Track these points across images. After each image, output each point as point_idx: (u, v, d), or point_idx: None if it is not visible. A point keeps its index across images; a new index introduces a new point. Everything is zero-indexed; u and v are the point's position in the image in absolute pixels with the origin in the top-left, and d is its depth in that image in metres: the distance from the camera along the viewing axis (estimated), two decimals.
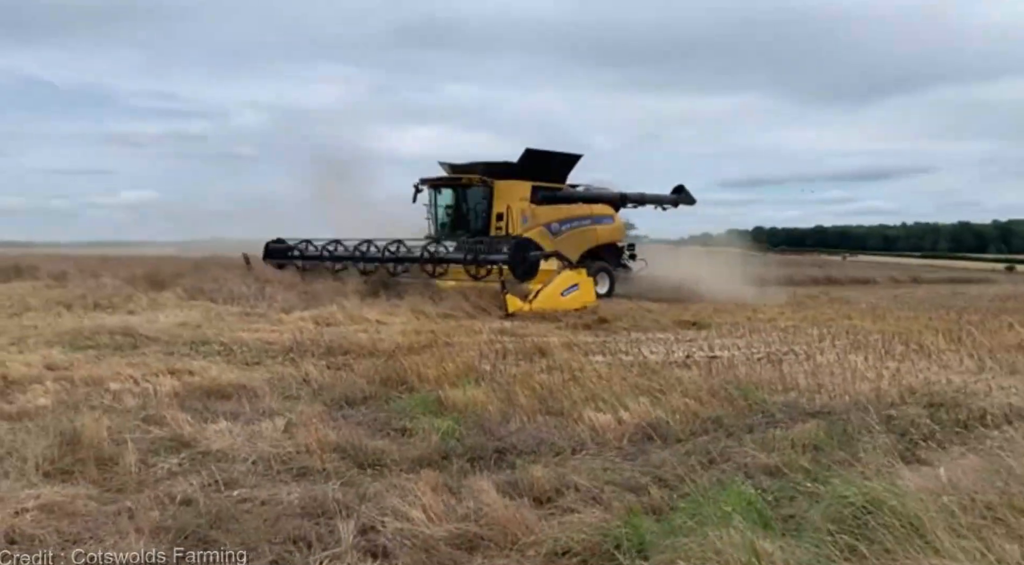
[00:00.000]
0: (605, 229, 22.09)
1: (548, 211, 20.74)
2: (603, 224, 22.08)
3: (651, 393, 6.56)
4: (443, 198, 20.74)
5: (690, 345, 10.36)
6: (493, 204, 19.90)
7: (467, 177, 20.06)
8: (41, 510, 3.88)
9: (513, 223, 19.69)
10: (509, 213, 19.72)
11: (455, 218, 20.57)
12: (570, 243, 20.45)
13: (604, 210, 22.23)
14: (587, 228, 21.56)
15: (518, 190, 20.11)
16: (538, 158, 20.51)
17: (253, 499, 4.19)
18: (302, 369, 8.04)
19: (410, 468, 4.77)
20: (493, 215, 19.84)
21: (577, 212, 21.47)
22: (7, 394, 6.58)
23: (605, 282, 20.70)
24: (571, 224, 21.19)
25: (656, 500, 4.14)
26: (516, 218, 19.76)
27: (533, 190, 20.44)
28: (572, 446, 5.21)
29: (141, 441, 5.14)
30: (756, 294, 20.66)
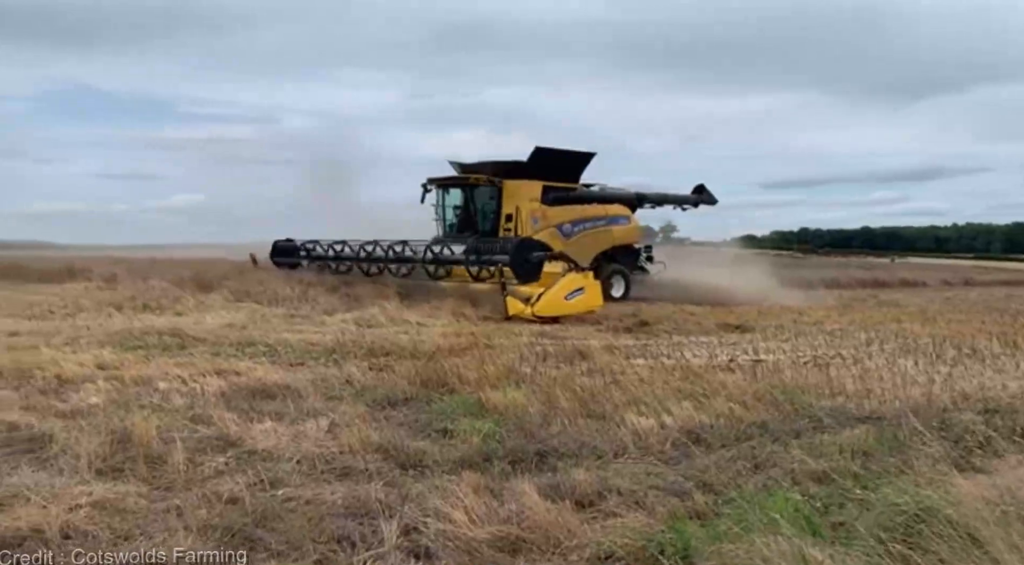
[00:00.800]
0: (621, 230, 21.35)
1: (560, 212, 20.05)
2: (619, 225, 21.32)
3: (694, 397, 6.48)
4: (451, 198, 20.20)
5: (734, 348, 10.21)
6: (502, 205, 19.33)
7: (474, 177, 19.46)
8: (94, 506, 3.97)
9: (522, 224, 19.08)
10: (518, 214, 19.14)
11: (463, 219, 19.98)
12: (583, 245, 19.77)
13: (620, 211, 21.51)
14: (601, 229, 20.81)
15: (528, 190, 19.50)
16: (549, 157, 19.81)
17: (298, 498, 4.24)
18: (344, 370, 8.12)
19: (451, 469, 4.77)
20: (502, 216, 19.32)
21: (591, 213, 20.73)
22: (61, 393, 6.76)
23: (620, 285, 20.29)
24: (584, 225, 20.43)
25: (700, 505, 4.08)
26: (526, 219, 19.17)
27: (544, 190, 19.78)
28: (614, 450, 5.17)
29: (189, 440, 5.23)
30: (791, 296, 20.11)
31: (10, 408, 6.07)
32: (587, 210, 20.65)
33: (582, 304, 15.17)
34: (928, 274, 38.94)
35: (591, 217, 20.61)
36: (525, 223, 19.07)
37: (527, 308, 14.43)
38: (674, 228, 43.63)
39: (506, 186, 19.24)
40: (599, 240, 20.54)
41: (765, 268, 24.67)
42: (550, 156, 19.75)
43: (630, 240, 21.74)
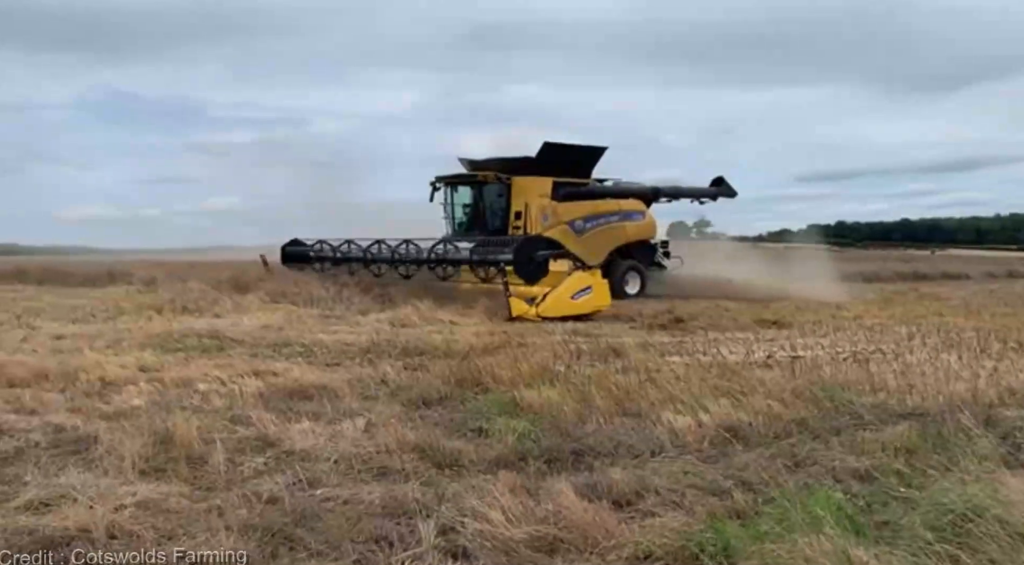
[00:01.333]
0: (635, 226, 20.80)
1: (571, 208, 19.61)
2: (633, 220, 20.76)
3: (731, 395, 6.40)
4: (460, 196, 19.90)
5: (771, 345, 10.07)
6: (511, 202, 18.96)
7: (482, 174, 19.11)
8: (138, 507, 4.04)
9: (532, 221, 18.73)
10: (527, 211, 18.77)
11: (472, 217, 19.70)
12: (596, 241, 19.42)
13: (634, 205, 20.96)
14: (615, 225, 20.27)
15: (537, 186, 19.10)
16: (558, 152, 19.35)
17: (336, 498, 4.27)
18: (380, 370, 8.18)
19: (487, 469, 4.78)
20: (511, 213, 18.94)
21: (603, 208, 20.23)
22: (104, 395, 6.90)
23: (636, 282, 19.96)
24: (597, 221, 19.89)
25: (740, 504, 4.02)
26: (535, 216, 18.84)
27: (554, 186, 19.39)
28: (651, 448, 5.12)
29: (228, 441, 5.30)
30: (820, 291, 19.44)
31: (57, 410, 6.23)
32: (599, 205, 20.16)
33: (589, 304, 14.76)
34: (970, 266, 38.09)
35: (604, 213, 20.12)
36: (535, 220, 18.75)
37: (532, 309, 14.03)
38: (708, 223, 43.07)
39: (515, 183, 18.90)
40: (613, 236, 20.09)
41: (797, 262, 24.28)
42: (559, 151, 19.32)
43: (645, 235, 21.17)
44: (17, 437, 5.41)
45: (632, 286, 19.76)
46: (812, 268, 23.27)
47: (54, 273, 25.22)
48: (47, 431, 5.61)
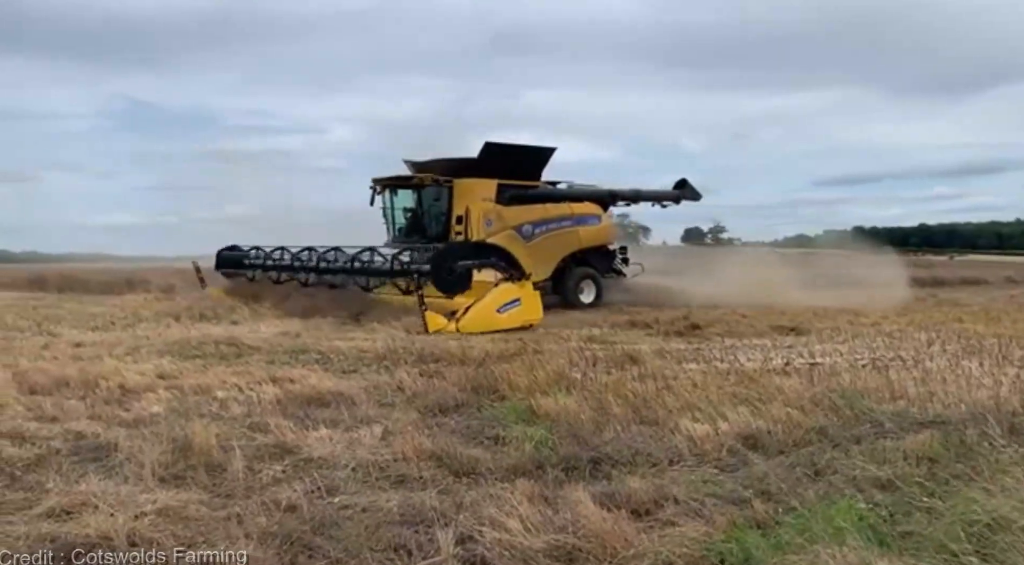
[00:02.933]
0: (590, 231, 19.68)
1: (518, 212, 18.39)
2: (588, 225, 19.62)
3: (750, 402, 6.36)
4: (400, 200, 18.67)
5: (789, 351, 10.00)
6: (453, 206, 17.75)
7: (419, 176, 17.94)
8: (158, 514, 4.07)
9: (474, 226, 17.55)
10: (468, 215, 17.56)
11: (412, 222, 18.44)
12: (546, 248, 18.56)
13: (589, 209, 19.83)
14: (567, 230, 19.15)
15: (480, 189, 17.86)
16: (501, 153, 18.18)
17: (354, 506, 4.28)
18: (396, 377, 8.19)
19: (505, 477, 4.77)
20: (452, 218, 17.74)
21: (554, 212, 19.06)
22: (124, 402, 6.95)
23: (591, 290, 19.14)
24: (547, 226, 18.78)
25: (760, 514, 3.99)
26: (477, 220, 17.62)
27: (499, 189, 18.11)
28: (669, 457, 5.10)
29: (247, 448, 5.32)
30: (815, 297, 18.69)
31: (78, 417, 6.28)
32: (550, 210, 19.09)
33: (518, 317, 13.73)
34: (990, 272, 37.65)
35: (555, 217, 19.06)
36: (476, 225, 17.62)
37: (451, 323, 13.11)
38: (723, 229, 42.90)
39: (456, 185, 17.76)
40: (565, 242, 19.10)
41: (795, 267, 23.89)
42: (503, 151, 18.30)
43: (602, 241, 20.20)
44: (39, 444, 5.46)
45: (587, 294, 19.00)
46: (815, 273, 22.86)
47: (74, 281, 25.48)
48: (68, 438, 5.66)
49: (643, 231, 70.91)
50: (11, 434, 5.67)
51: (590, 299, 18.94)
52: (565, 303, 18.26)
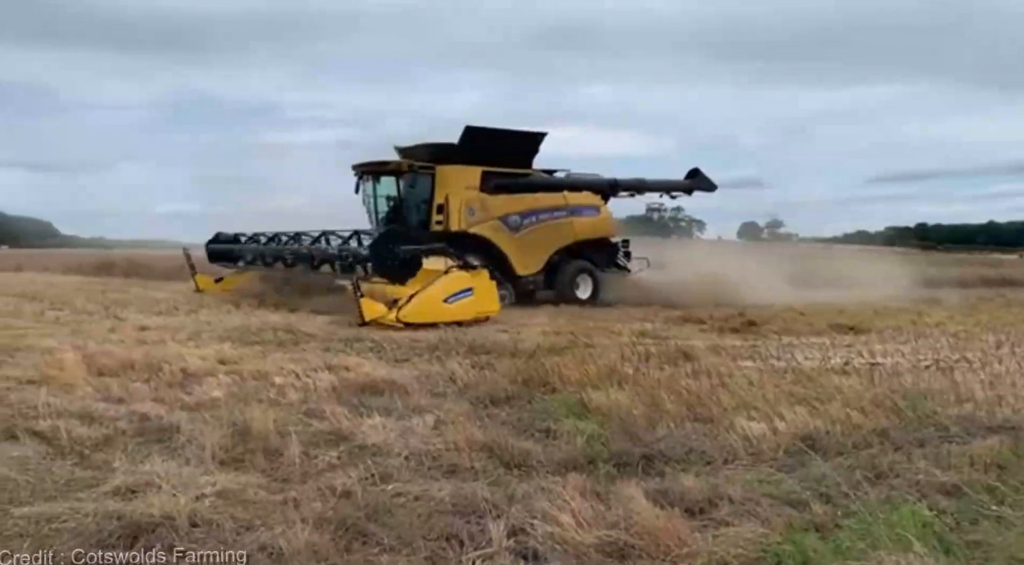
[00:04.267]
0: (587, 222, 18.56)
1: (505, 201, 17.40)
2: (583, 216, 18.50)
3: (807, 402, 6.21)
4: (382, 188, 17.65)
5: (848, 351, 9.73)
6: (435, 194, 16.87)
7: (396, 162, 17.07)
8: (218, 496, 4.17)
9: (453, 215, 16.68)
10: (448, 203, 16.69)
11: (392, 211, 17.44)
12: (536, 239, 17.63)
13: (586, 199, 18.76)
14: (560, 221, 18.09)
15: (463, 177, 16.93)
16: (485, 138, 17.13)
17: (407, 494, 4.32)
18: (447, 367, 8.25)
19: (556, 470, 4.75)
20: (434, 206, 16.84)
21: (545, 202, 18.00)
22: (186, 386, 7.15)
23: (587, 285, 18.14)
24: (537, 217, 17.74)
25: (819, 516, 3.90)
26: (458, 209, 16.72)
27: (484, 176, 17.16)
28: (723, 455, 5.02)
29: (303, 434, 5.42)
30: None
31: (142, 400, 6.48)
32: (541, 199, 18.03)
33: (469, 309, 12.81)
34: None
35: (546, 207, 18.01)
36: (457, 214, 16.75)
37: (391, 313, 12.23)
38: (780, 223, 41.90)
39: (439, 172, 16.88)
40: (557, 234, 18.06)
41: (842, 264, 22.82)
42: (486, 137, 17.27)
43: (601, 233, 18.99)
44: (106, 424, 5.65)
45: (584, 290, 18.02)
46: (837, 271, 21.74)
47: (139, 266, 26.36)
48: (133, 419, 5.85)
49: (697, 225, 69.66)
50: (81, 414, 5.89)
51: (586, 295, 18.00)
52: (559, 299, 17.46)
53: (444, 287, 12.82)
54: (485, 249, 16.80)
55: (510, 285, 16.87)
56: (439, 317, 12.28)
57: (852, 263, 24.67)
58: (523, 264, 17.39)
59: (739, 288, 17.34)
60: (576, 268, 18.20)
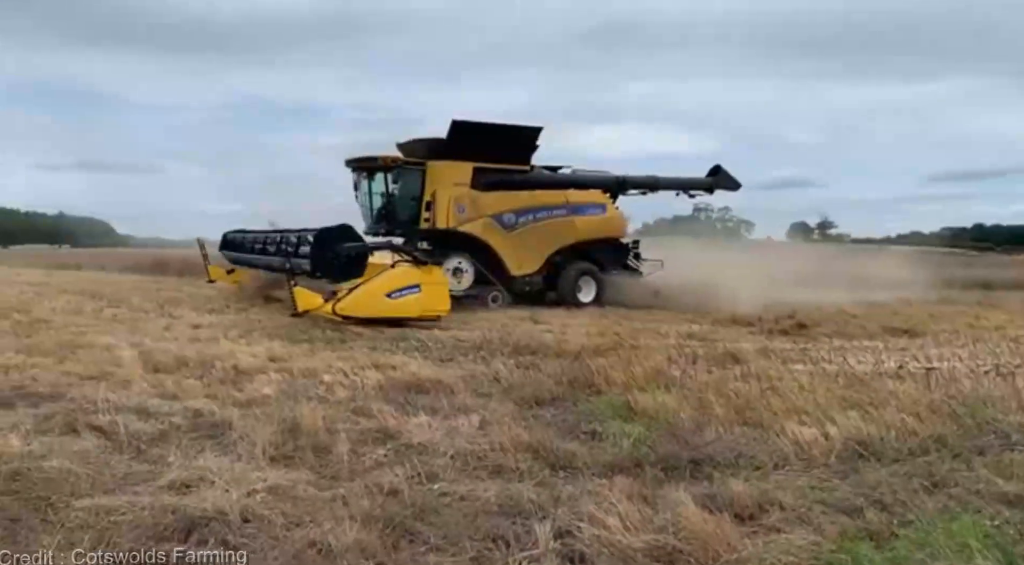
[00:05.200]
0: (591, 221, 17.65)
1: (498, 199, 16.71)
2: (587, 215, 17.60)
3: (861, 406, 6.07)
4: (375, 184, 16.91)
5: (902, 354, 9.48)
6: (425, 191, 16.26)
7: (383, 157, 16.28)
8: (269, 492, 4.25)
9: (441, 213, 16.09)
10: (436, 200, 16.08)
11: (383, 208, 16.72)
12: (533, 239, 16.90)
13: (589, 197, 17.88)
14: (559, 220, 17.26)
15: (452, 173, 16.29)
16: (474, 132, 16.34)
17: (453, 494, 4.34)
18: (492, 367, 8.27)
19: (602, 473, 4.73)
20: (424, 204, 16.25)
21: (543, 200, 17.22)
22: (238, 383, 7.30)
23: (590, 288, 17.29)
24: (534, 215, 16.98)
25: (874, 525, 3.80)
26: (446, 206, 16.10)
27: (476, 172, 16.49)
28: (774, 461, 4.93)
29: (351, 431, 5.50)
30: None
31: (196, 396, 6.64)
32: (538, 197, 17.25)
33: (414, 306, 12.12)
34: None
35: (544, 205, 17.19)
36: (445, 211, 16.14)
37: (327, 305, 11.75)
38: (831, 224, 40.99)
39: (429, 169, 16.24)
40: (557, 233, 17.28)
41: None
42: (476, 131, 16.42)
43: (608, 233, 18.11)
44: (161, 420, 5.80)
45: (586, 293, 17.25)
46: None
47: (192, 265, 26.91)
48: (187, 415, 5.99)
49: (746, 226, 68.62)
50: (137, 409, 6.05)
51: (589, 298, 17.20)
52: (560, 301, 16.90)
53: (388, 281, 12.26)
54: (476, 248, 16.38)
55: (503, 286, 16.51)
56: (380, 312, 11.78)
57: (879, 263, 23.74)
58: (518, 264, 16.80)
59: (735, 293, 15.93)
60: (577, 270, 17.40)
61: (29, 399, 6.42)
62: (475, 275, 16.29)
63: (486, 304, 15.99)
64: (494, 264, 16.55)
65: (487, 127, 16.67)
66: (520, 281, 16.96)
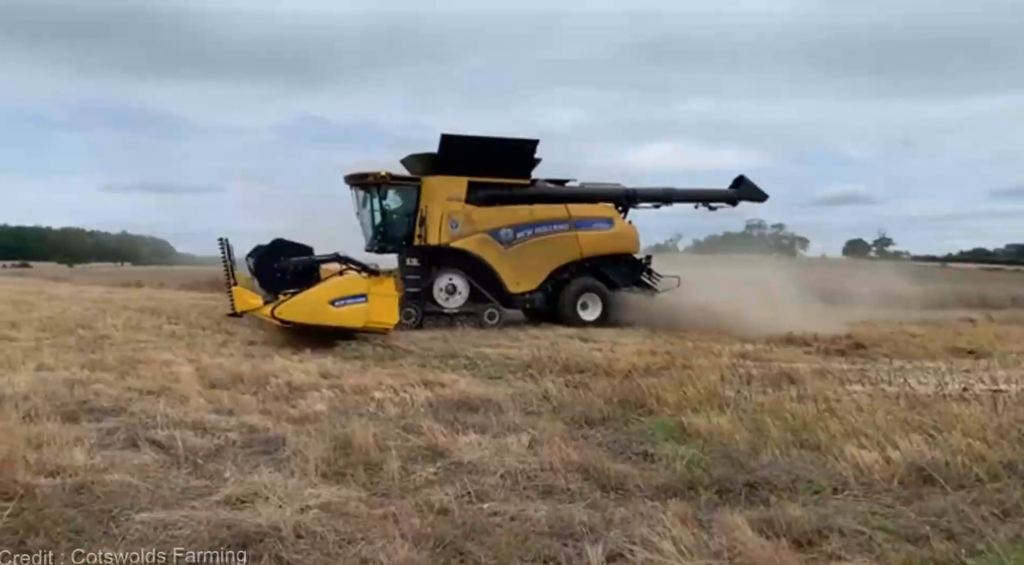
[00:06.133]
0: (596, 236, 16.92)
1: (494, 213, 16.24)
2: (592, 230, 16.90)
3: (923, 430, 5.85)
4: (372, 200, 16.64)
5: (967, 376, 9.13)
6: (419, 206, 15.94)
7: (375, 173, 15.89)
8: (321, 509, 4.29)
9: (433, 228, 15.73)
10: (428, 216, 15.74)
11: (380, 224, 16.36)
12: (532, 255, 16.35)
13: (594, 212, 17.19)
14: (561, 235, 16.63)
15: (446, 188, 15.92)
16: (466, 147, 15.99)
17: (503, 513, 4.32)
18: (541, 386, 8.22)
19: (655, 495, 4.65)
20: (418, 219, 15.91)
21: (543, 214, 16.59)
22: (291, 399, 7.42)
23: (595, 305, 16.56)
24: (533, 230, 16.44)
25: (940, 554, 3.65)
26: (438, 222, 15.74)
27: (471, 187, 16.10)
28: (833, 485, 4.78)
29: (402, 449, 5.52)
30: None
31: (251, 411, 6.77)
32: (537, 211, 16.62)
33: (359, 316, 11.74)
34: None
35: (543, 220, 16.57)
36: (436, 227, 15.78)
37: (266, 306, 11.71)
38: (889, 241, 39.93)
39: (424, 184, 15.95)
40: (558, 249, 16.64)
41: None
42: (467, 146, 16.05)
43: (616, 249, 17.31)
44: (218, 435, 5.93)
45: (591, 311, 16.55)
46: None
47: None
48: (242, 431, 6.11)
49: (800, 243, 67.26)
50: (195, 425, 6.19)
51: (593, 316, 16.46)
52: (561, 320, 16.28)
53: (332, 289, 12.04)
54: (471, 265, 16.07)
55: (501, 303, 16.17)
56: (322, 319, 11.52)
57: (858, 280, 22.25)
58: (515, 281, 16.31)
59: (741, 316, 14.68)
60: (579, 286, 16.71)
61: (93, 413, 6.63)
62: (470, 292, 16.00)
63: (482, 323, 15.66)
64: (491, 281, 16.19)
65: (479, 141, 16.35)
66: (519, 298, 16.47)
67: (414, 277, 15.70)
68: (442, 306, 15.76)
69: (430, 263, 16.06)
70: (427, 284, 15.77)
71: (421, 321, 15.32)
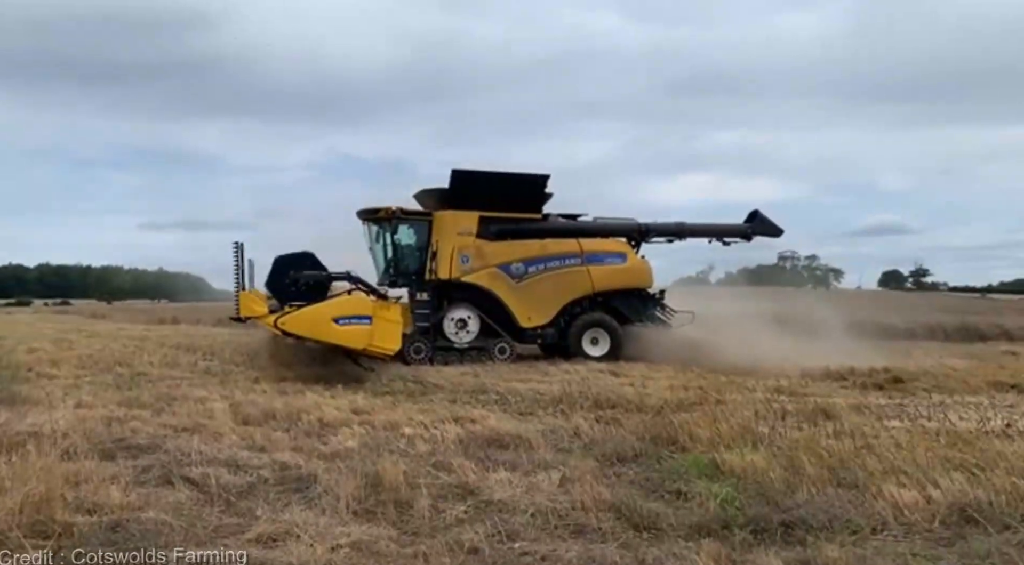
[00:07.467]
0: (607, 271, 16.89)
1: (505, 248, 16.29)
2: (603, 264, 16.88)
3: (965, 468, 5.69)
4: (384, 235, 16.69)
5: (1010, 411, 8.90)
6: (431, 241, 16.00)
7: (386, 209, 15.94)
8: (352, 547, 4.29)
9: (443, 263, 15.78)
10: (439, 250, 15.82)
11: (392, 259, 16.37)
12: (543, 289, 16.36)
13: (606, 246, 17.21)
14: (572, 269, 16.61)
15: (457, 222, 16.03)
16: (476, 182, 16.15)
17: (533, 553, 4.28)
18: (572, 422, 8.18)
19: (688, 535, 4.57)
20: (430, 253, 15.96)
21: (554, 249, 16.61)
22: (322, 435, 7.46)
23: (604, 340, 16.49)
24: (544, 265, 16.46)
25: None
26: (449, 256, 15.81)
27: (482, 222, 16.17)
28: (871, 525, 4.67)
29: (432, 486, 5.51)
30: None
31: (283, 448, 6.81)
32: (549, 246, 16.64)
33: (361, 337, 11.87)
34: None
35: (555, 254, 16.59)
36: (447, 261, 15.80)
37: (271, 317, 11.98)
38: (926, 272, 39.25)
39: (436, 219, 16.09)
40: (570, 283, 16.65)
41: None
42: (478, 181, 16.21)
43: (628, 283, 17.26)
44: (250, 472, 5.97)
45: (600, 346, 16.48)
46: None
47: None
48: (274, 468, 6.14)
49: (834, 274, 66.35)
50: (227, 462, 6.25)
51: (601, 352, 16.35)
52: (569, 354, 16.22)
53: (338, 307, 12.21)
54: (483, 299, 16.08)
55: (512, 338, 16.11)
56: (323, 336, 11.78)
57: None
58: (527, 316, 16.30)
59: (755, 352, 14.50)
60: (587, 321, 16.66)
61: (129, 451, 6.73)
62: (481, 327, 16.01)
63: (492, 357, 15.56)
64: (502, 316, 16.17)
65: (489, 176, 16.48)
66: (530, 333, 16.46)
67: (424, 311, 15.75)
68: (453, 341, 15.76)
69: (441, 298, 16.12)
70: (438, 319, 15.82)
71: (432, 356, 15.32)
